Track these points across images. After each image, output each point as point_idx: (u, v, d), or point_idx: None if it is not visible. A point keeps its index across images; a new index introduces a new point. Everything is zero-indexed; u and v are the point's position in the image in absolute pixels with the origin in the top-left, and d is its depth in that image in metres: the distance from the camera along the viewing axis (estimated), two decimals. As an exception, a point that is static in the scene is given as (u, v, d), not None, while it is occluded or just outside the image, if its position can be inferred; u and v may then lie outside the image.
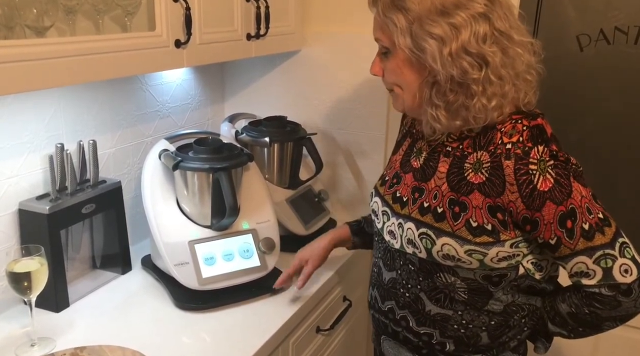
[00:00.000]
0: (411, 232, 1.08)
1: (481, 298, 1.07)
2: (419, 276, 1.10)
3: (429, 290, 1.10)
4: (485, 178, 1.01)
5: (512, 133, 1.00)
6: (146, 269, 1.45)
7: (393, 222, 1.13)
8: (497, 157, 1.00)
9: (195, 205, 1.34)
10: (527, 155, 0.97)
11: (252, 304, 1.32)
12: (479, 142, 1.03)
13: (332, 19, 1.77)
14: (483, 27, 0.96)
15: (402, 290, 1.13)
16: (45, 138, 1.30)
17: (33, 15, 1.05)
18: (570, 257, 0.99)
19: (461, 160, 1.05)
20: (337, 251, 1.40)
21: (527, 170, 0.97)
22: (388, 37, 1.03)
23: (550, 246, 1.00)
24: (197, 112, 1.81)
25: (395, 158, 1.22)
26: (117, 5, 1.19)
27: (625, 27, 1.44)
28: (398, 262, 1.13)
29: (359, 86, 1.73)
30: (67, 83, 1.05)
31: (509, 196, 0.98)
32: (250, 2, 1.49)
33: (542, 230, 0.98)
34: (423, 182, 1.09)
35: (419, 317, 1.12)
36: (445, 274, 1.07)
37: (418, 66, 1.01)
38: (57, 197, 1.26)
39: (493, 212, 1.00)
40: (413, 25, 0.97)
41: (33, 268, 1.09)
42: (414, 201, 1.09)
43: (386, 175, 1.21)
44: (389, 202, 1.16)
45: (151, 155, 1.39)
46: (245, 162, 1.36)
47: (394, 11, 0.99)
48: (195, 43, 1.31)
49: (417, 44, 0.98)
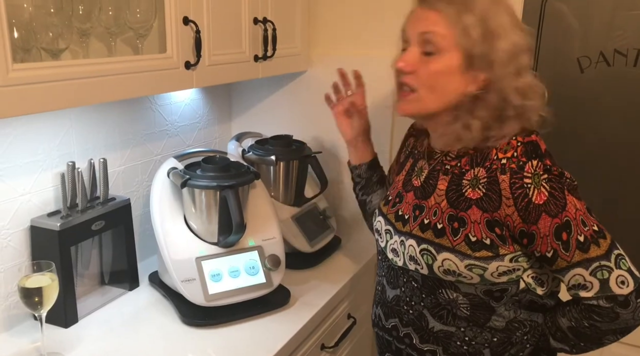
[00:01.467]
0: (412, 249, 1.10)
1: (483, 314, 1.08)
2: (422, 293, 1.12)
3: (432, 306, 1.11)
4: (482, 193, 1.03)
5: (507, 149, 1.03)
6: (153, 285, 1.47)
7: (395, 239, 1.15)
8: (493, 172, 1.02)
9: (203, 222, 1.37)
10: (522, 169, 1.00)
11: (257, 321, 1.33)
12: (476, 159, 1.06)
13: (337, 41, 1.80)
14: (528, 56, 1.04)
15: (405, 307, 1.15)
16: (57, 157, 1.33)
17: (49, 38, 1.09)
18: (567, 270, 1.01)
19: (459, 177, 1.07)
20: (342, 268, 1.41)
21: (522, 184, 0.99)
22: (447, 37, 1.01)
23: (547, 259, 1.01)
24: (205, 131, 1.84)
25: (398, 178, 1.24)
26: (129, 28, 1.23)
27: (625, 50, 1.47)
28: (402, 279, 1.15)
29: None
30: (80, 104, 1.08)
31: (505, 210, 1.00)
32: (258, 25, 1.53)
33: (539, 244, 1.00)
34: (423, 200, 1.12)
35: (423, 334, 1.13)
36: (447, 290, 1.08)
37: (467, 75, 1.02)
38: (68, 213, 1.28)
39: (491, 226, 1.02)
40: (488, 35, 1.00)
41: (44, 284, 1.11)
42: (414, 218, 1.12)
43: (389, 195, 1.23)
44: (391, 221, 1.18)
45: (160, 173, 1.42)
46: (251, 180, 1.39)
47: (469, 15, 1.00)
48: (205, 64, 1.35)
49: (487, 55, 1.00)
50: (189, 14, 1.27)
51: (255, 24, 1.52)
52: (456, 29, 1.00)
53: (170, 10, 1.23)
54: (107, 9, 1.19)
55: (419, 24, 1.04)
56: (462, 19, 1.00)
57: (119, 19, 1.21)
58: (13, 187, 1.24)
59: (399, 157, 1.33)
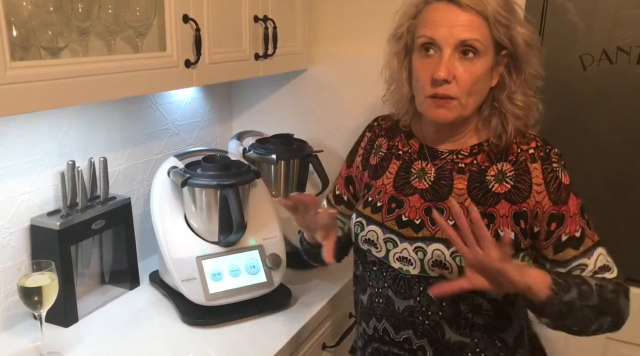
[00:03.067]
0: (439, 253, 1.04)
1: (501, 321, 1.08)
2: (443, 301, 1.07)
3: (451, 316, 1.07)
4: (510, 186, 1.04)
5: (527, 141, 1.07)
6: (154, 285, 1.46)
7: (405, 247, 1.09)
8: (522, 163, 1.05)
9: (203, 221, 1.36)
10: (549, 156, 1.05)
11: (258, 320, 1.33)
12: (494, 155, 1.07)
13: (338, 40, 1.80)
14: None
15: (420, 318, 1.09)
16: (57, 156, 1.32)
17: (48, 36, 1.08)
18: (593, 249, 1.04)
19: (481, 175, 1.06)
20: (344, 267, 1.40)
21: (552, 168, 1.04)
22: (487, 38, 0.99)
23: (575, 240, 1.03)
24: (205, 130, 1.84)
25: (381, 182, 1.16)
26: (129, 26, 1.22)
27: (628, 47, 1.46)
28: (417, 288, 1.09)
29: (364, 105, 1.76)
30: (80, 102, 1.07)
31: (535, 197, 1.03)
32: (258, 23, 1.52)
33: (569, 223, 1.03)
34: (439, 201, 1.08)
35: (437, 346, 1.09)
36: (474, 295, 1.05)
37: (494, 71, 1.04)
38: (68, 213, 1.28)
39: (517, 219, 1.03)
40: (518, 28, 1.01)
41: (44, 283, 1.11)
42: (433, 221, 1.07)
43: (377, 201, 1.15)
44: (393, 228, 1.11)
45: (160, 172, 1.41)
46: (252, 179, 1.38)
47: (509, 9, 1.00)
48: (205, 63, 1.34)
49: (524, 49, 1.02)
50: (189, 11, 1.26)
51: (256, 22, 1.51)
52: (490, 25, 0.98)
53: (170, 8, 1.22)
54: (107, 7, 1.19)
55: (455, 30, 0.97)
56: (489, 8, 0.97)
57: (119, 17, 1.20)
58: (13, 186, 1.24)
59: (363, 159, 1.23)
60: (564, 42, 1.53)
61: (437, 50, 1.00)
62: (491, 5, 0.97)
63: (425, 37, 1.01)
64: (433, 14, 1.01)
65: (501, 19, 0.98)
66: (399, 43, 1.09)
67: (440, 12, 1.00)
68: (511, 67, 1.04)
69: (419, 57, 1.03)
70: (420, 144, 1.14)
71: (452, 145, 1.11)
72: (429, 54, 1.01)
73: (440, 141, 1.12)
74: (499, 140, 1.06)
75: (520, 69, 1.04)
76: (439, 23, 0.99)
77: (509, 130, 1.05)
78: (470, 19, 0.98)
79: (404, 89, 1.11)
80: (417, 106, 1.07)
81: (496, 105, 1.06)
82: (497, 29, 0.99)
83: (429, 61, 1.01)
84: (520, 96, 1.04)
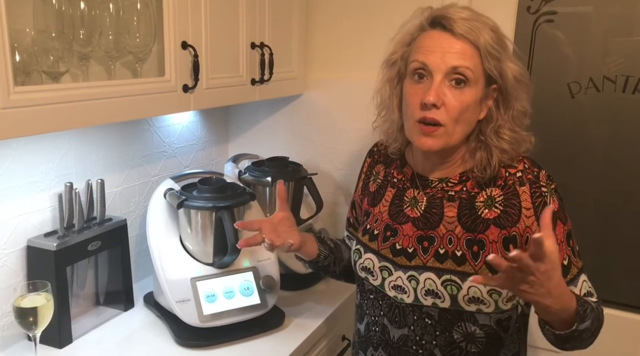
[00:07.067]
0: (431, 282, 1.05)
1: (495, 347, 1.08)
2: (436, 330, 1.07)
3: (444, 344, 1.07)
4: (500, 211, 1.05)
5: (514, 164, 1.07)
6: (148, 306, 1.47)
7: (399, 275, 1.10)
8: (511, 187, 1.05)
9: (198, 242, 1.38)
10: (537, 179, 1.04)
11: (252, 342, 1.34)
12: (484, 181, 1.07)
13: (333, 66, 1.84)
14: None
15: (414, 347, 1.10)
16: (55, 178, 1.34)
17: (49, 61, 1.11)
18: (578, 277, 1.04)
19: (470, 201, 1.07)
20: (337, 289, 1.42)
21: (540, 193, 1.03)
22: (477, 67, 1.01)
23: (563, 269, 1.00)
24: (202, 153, 1.86)
25: (378, 210, 1.19)
26: (128, 52, 1.25)
27: (614, 76, 1.50)
28: (411, 317, 1.09)
29: (358, 129, 1.79)
30: (80, 125, 1.09)
31: (525, 222, 1.03)
32: (255, 49, 1.56)
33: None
34: (430, 230, 1.09)
35: None
36: (466, 323, 1.06)
37: (482, 103, 1.05)
38: (64, 234, 1.29)
39: (507, 244, 1.04)
40: (501, 49, 1.03)
41: (39, 304, 1.12)
42: (424, 250, 1.08)
43: (374, 229, 1.17)
44: (387, 257, 1.12)
45: (157, 194, 1.43)
46: (247, 201, 1.40)
47: (501, 43, 1.02)
48: (202, 88, 1.37)
49: (514, 83, 1.04)
50: (188, 38, 1.30)
51: (253, 48, 1.55)
52: (481, 56, 1.01)
53: (170, 35, 1.25)
54: (108, 34, 1.22)
55: (448, 56, 0.99)
56: (481, 39, 1.00)
57: (119, 43, 1.23)
58: (11, 207, 1.25)
59: (364, 185, 1.27)
60: (552, 69, 1.57)
61: (428, 76, 1.02)
62: (484, 37, 1.00)
63: (418, 61, 1.02)
64: (427, 41, 1.03)
65: (493, 51, 1.01)
66: (392, 69, 1.11)
67: (434, 39, 1.02)
68: (500, 101, 1.05)
69: (410, 83, 1.05)
70: (412, 172, 1.16)
71: (441, 173, 1.12)
72: (420, 80, 1.03)
73: (430, 169, 1.13)
74: (484, 172, 1.06)
75: (508, 104, 1.04)
76: (432, 49, 1.01)
77: (493, 163, 1.05)
78: (463, 47, 1.00)
79: (394, 115, 1.12)
80: (406, 132, 1.09)
81: (482, 138, 1.06)
82: (488, 61, 1.01)
83: (419, 86, 1.03)
84: (508, 131, 1.05)
